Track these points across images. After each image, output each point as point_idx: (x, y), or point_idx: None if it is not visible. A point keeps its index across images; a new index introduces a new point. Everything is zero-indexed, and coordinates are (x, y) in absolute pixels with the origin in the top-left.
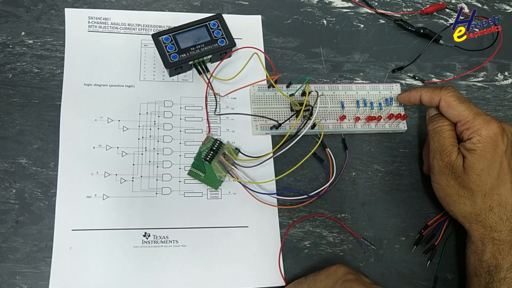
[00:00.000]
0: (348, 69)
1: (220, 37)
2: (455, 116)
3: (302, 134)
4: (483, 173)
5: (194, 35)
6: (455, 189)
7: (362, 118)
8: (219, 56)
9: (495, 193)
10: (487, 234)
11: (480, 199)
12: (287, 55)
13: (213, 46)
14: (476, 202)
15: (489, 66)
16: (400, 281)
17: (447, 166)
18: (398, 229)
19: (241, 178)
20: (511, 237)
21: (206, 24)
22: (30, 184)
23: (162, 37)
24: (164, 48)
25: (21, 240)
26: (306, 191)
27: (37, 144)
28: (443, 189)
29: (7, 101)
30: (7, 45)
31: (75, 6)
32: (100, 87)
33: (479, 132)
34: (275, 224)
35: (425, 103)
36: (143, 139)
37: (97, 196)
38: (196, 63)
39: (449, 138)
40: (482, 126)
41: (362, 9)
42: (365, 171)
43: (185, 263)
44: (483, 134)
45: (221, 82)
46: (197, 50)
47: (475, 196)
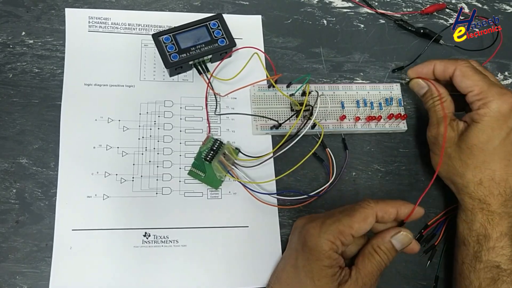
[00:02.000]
0: (348, 69)
1: (220, 37)
2: (469, 86)
3: (302, 134)
4: (475, 148)
5: (194, 35)
6: (446, 158)
7: (362, 118)
8: (219, 56)
9: (487, 167)
10: (476, 205)
11: (470, 172)
12: (287, 55)
13: (213, 46)
14: (465, 174)
15: (489, 66)
16: (400, 281)
17: (435, 137)
18: None
19: (241, 178)
20: (501, 209)
21: (206, 24)
22: (30, 184)
23: (162, 37)
24: (164, 48)
25: (21, 240)
26: (306, 191)
27: (38, 144)
28: (436, 159)
29: (8, 101)
30: (7, 45)
31: (75, 6)
32: (100, 87)
33: (489, 105)
34: (275, 224)
35: (438, 73)
36: (143, 139)
37: (97, 196)
38: (196, 63)
39: (437, 112)
40: (494, 98)
41: (362, 9)
42: (365, 171)
43: (185, 263)
44: (493, 107)
45: (221, 82)
46: (197, 50)
47: (464, 168)
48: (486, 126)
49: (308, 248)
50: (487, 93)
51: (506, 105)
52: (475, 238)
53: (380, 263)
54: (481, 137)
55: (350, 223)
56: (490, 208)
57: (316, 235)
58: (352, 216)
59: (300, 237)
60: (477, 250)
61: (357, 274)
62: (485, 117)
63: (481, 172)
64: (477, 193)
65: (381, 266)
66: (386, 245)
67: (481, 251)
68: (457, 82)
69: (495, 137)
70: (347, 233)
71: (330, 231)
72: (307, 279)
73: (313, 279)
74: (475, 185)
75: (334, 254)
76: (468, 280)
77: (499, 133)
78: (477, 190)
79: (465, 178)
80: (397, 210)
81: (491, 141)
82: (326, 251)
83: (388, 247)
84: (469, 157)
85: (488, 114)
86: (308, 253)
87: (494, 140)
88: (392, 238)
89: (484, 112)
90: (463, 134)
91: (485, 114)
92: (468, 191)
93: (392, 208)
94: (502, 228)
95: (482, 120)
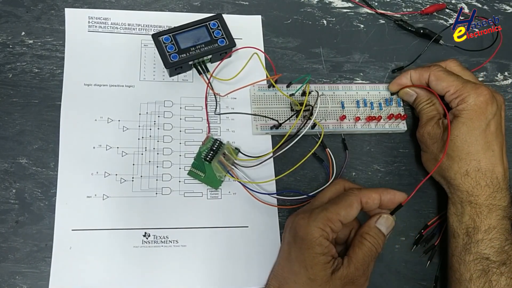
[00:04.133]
0: (348, 69)
1: (220, 37)
2: (445, 87)
3: (302, 134)
4: (457, 139)
5: (194, 35)
6: (434, 154)
7: (362, 118)
8: (219, 56)
9: (472, 158)
10: (465, 198)
11: (456, 164)
12: (287, 55)
13: (213, 46)
14: (452, 166)
15: (489, 66)
16: (400, 281)
17: (422, 135)
18: (397, 229)
19: (241, 178)
20: (489, 201)
21: (206, 24)
22: (30, 184)
23: (162, 37)
24: (164, 48)
25: (21, 240)
26: (306, 191)
27: (37, 144)
28: (425, 155)
29: (7, 101)
30: (7, 45)
31: (75, 6)
32: (100, 87)
33: (466, 100)
34: (275, 224)
35: (414, 81)
36: (143, 139)
37: (97, 196)
38: (196, 63)
39: (428, 113)
40: (470, 93)
41: (362, 9)
42: (365, 171)
43: (185, 263)
44: (470, 101)
45: (221, 82)
46: (197, 50)
47: (450, 160)
48: (466, 119)
49: (300, 238)
50: (462, 90)
51: (482, 97)
52: (464, 230)
53: (370, 249)
54: (462, 128)
55: (337, 210)
56: (478, 201)
57: (305, 224)
58: (338, 203)
59: (291, 231)
60: (466, 242)
61: (349, 261)
62: (464, 111)
63: (466, 164)
64: (465, 184)
65: (372, 252)
66: (373, 231)
67: (470, 243)
68: (433, 86)
69: (475, 128)
70: (335, 219)
71: (319, 219)
72: (301, 268)
73: (306, 268)
74: (462, 176)
75: (325, 241)
76: (459, 272)
77: (478, 124)
78: (464, 181)
79: (452, 170)
80: (380, 195)
81: (472, 131)
82: (317, 237)
83: (375, 232)
84: (453, 149)
85: (466, 108)
86: (300, 243)
87: (475, 130)
88: (376, 224)
89: (462, 107)
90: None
91: (464, 108)
92: (456, 183)
93: (375, 194)
94: (491, 221)
95: (462, 114)
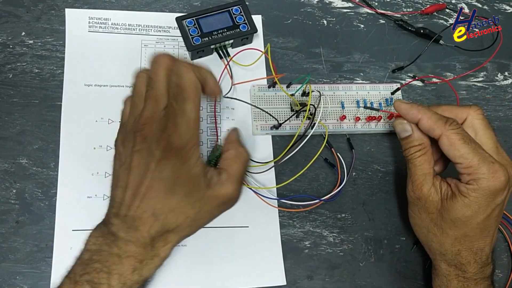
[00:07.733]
0: (348, 69)
1: (242, 23)
2: (457, 157)
3: (307, 139)
4: (458, 221)
5: (217, 19)
6: (426, 223)
7: (362, 118)
8: (240, 42)
9: (468, 240)
10: (452, 271)
11: (449, 242)
12: (287, 55)
13: (235, 31)
14: (444, 243)
15: (489, 66)
16: (400, 281)
17: (418, 199)
18: (398, 229)
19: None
20: (477, 276)
21: (228, 9)
22: (30, 184)
23: (185, 20)
24: (188, 31)
25: (21, 240)
26: (306, 191)
27: (38, 144)
28: (414, 219)
29: (8, 101)
30: (7, 45)
31: (76, 6)
32: (101, 87)
33: (479, 182)
34: (276, 224)
35: (423, 130)
36: None
37: (98, 196)
38: (218, 47)
39: (420, 166)
40: (486, 176)
41: (362, 9)
42: (365, 171)
43: (185, 263)
44: (482, 185)
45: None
46: (220, 35)
47: (444, 237)
48: (473, 202)
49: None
50: (477, 169)
51: (497, 183)
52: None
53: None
54: (467, 212)
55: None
56: (466, 275)
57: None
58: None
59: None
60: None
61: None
62: (473, 193)
63: (460, 244)
64: (454, 261)
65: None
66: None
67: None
68: (444, 150)
69: (481, 213)
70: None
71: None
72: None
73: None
74: (453, 254)
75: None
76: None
77: (485, 210)
78: (454, 258)
79: (443, 246)
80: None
81: (476, 216)
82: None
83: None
84: (450, 228)
85: (477, 191)
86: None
87: (479, 216)
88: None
89: (473, 188)
90: (448, 203)
91: (474, 190)
92: (446, 259)
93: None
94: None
95: (470, 195)
